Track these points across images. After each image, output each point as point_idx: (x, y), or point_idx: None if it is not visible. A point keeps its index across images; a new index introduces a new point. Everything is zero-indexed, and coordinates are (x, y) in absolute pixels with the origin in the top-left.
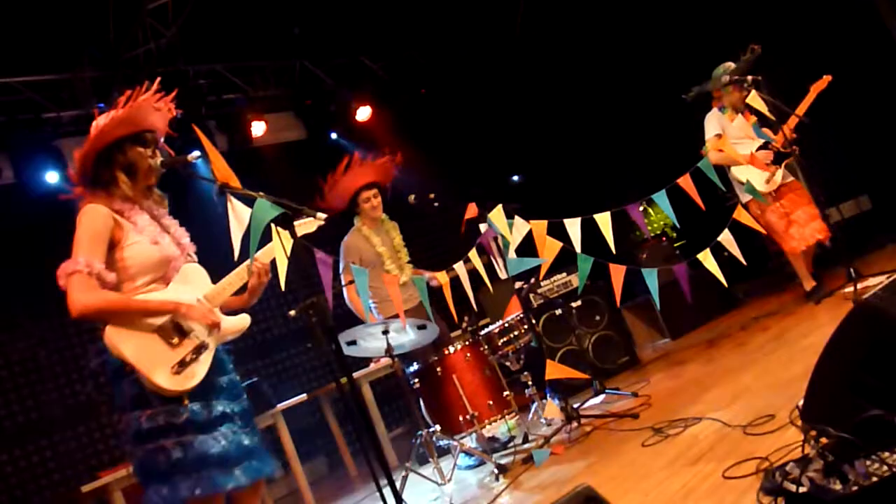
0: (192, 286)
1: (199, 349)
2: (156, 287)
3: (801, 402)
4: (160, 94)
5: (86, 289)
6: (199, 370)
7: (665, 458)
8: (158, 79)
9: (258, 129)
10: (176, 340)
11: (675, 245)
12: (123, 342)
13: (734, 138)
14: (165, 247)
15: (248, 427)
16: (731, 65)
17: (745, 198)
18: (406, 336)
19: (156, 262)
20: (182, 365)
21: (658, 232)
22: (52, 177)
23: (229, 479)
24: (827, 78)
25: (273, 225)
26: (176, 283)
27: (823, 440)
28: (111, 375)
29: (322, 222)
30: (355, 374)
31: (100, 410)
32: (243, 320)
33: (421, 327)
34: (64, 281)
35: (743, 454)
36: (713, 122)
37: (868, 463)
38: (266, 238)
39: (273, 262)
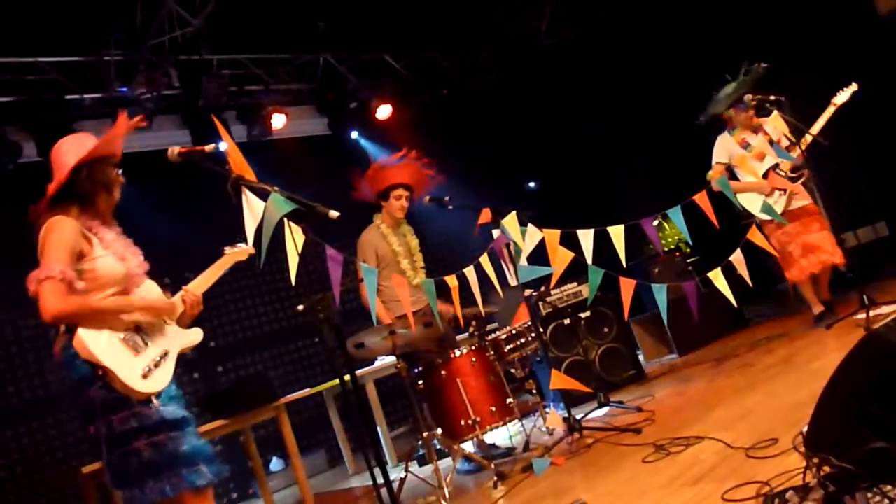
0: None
1: (163, 356)
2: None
3: (805, 429)
4: (138, 120)
5: (59, 293)
6: (165, 375)
7: (665, 476)
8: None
9: (278, 121)
10: (141, 348)
11: (689, 261)
12: (96, 345)
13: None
14: (131, 263)
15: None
16: (730, 89)
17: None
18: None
19: (121, 276)
20: (149, 370)
21: (672, 247)
22: None
23: (198, 475)
24: (851, 88)
25: (286, 220)
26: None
27: (826, 469)
28: (76, 384)
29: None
30: (360, 372)
31: None
32: (196, 334)
33: (427, 325)
34: (35, 286)
35: (744, 477)
36: (718, 149)
37: (870, 496)
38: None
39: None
